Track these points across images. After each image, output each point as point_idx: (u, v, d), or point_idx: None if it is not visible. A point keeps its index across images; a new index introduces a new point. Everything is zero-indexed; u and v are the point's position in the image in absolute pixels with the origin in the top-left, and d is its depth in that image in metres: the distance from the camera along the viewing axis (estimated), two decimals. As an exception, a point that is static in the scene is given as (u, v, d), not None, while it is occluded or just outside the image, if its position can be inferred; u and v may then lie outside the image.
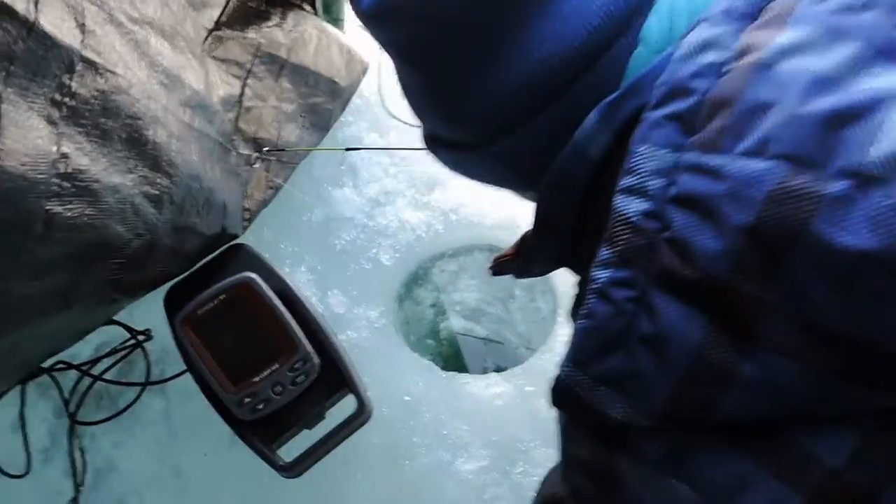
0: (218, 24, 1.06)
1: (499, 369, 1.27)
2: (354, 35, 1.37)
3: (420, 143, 0.57)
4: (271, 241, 1.33)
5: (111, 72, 0.67)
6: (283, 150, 1.23)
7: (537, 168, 0.47)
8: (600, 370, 0.39)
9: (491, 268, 0.68)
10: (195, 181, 0.91)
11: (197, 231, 0.97)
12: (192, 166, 0.89)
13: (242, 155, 1.16)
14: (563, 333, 1.25)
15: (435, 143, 0.54)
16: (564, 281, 1.31)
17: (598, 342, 0.39)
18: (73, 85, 0.62)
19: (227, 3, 1.07)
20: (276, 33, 1.17)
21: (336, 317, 1.30)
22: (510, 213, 1.35)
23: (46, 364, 1.18)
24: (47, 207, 0.62)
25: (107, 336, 1.25)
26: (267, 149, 1.20)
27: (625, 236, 0.38)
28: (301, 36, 1.22)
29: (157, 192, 0.81)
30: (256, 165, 1.20)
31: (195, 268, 1.13)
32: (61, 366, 1.21)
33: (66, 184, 0.63)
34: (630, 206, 0.38)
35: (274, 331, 1.07)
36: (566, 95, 0.44)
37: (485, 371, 1.29)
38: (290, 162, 1.28)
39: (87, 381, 1.23)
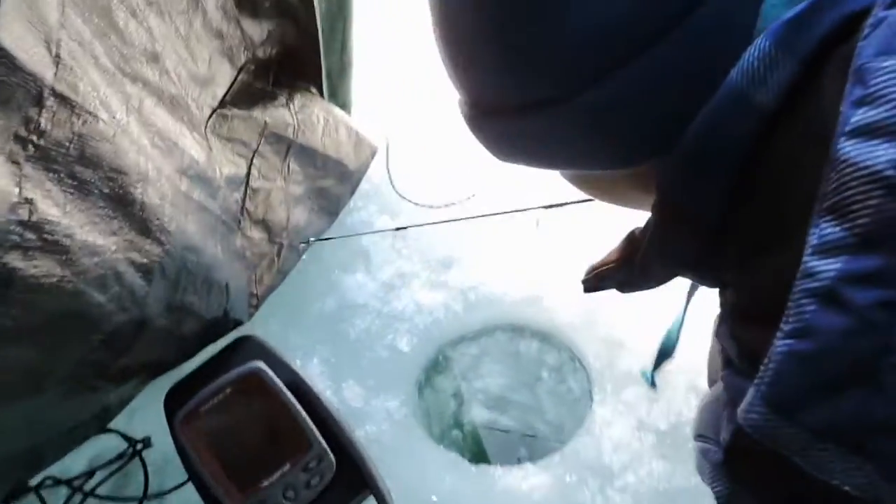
0: (223, 103, 0.98)
1: (534, 458, 1.09)
2: (362, 119, 1.30)
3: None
4: (279, 332, 1.20)
5: (91, 114, 0.57)
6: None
7: (640, 127, 0.34)
8: (825, 418, 0.25)
9: (585, 281, 0.51)
10: (192, 254, 0.79)
11: (194, 312, 0.84)
12: (188, 237, 0.78)
13: (250, 237, 1.05)
14: (602, 414, 1.09)
15: (489, 113, 0.40)
16: (597, 355, 1.16)
17: (823, 374, 0.25)
18: (42, 121, 0.52)
19: (233, 82, 1.00)
20: (282, 113, 1.09)
21: (352, 410, 1.14)
22: (532, 288, 1.22)
23: (34, 481, 1.02)
24: (5, 261, 0.50)
25: (102, 447, 1.09)
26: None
27: (870, 202, 0.24)
28: (308, 118, 1.14)
29: (145, 261, 0.69)
30: (267, 248, 1.09)
31: (198, 367, 1.00)
32: (49, 482, 1.04)
33: (29, 235, 0.52)
34: (875, 153, 0.24)
35: (285, 427, 0.92)
36: (686, 24, 0.31)
37: (519, 462, 1.11)
38: (301, 246, 1.17)
39: (78, 498, 1.06)
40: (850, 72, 0.26)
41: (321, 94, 1.20)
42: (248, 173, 1.04)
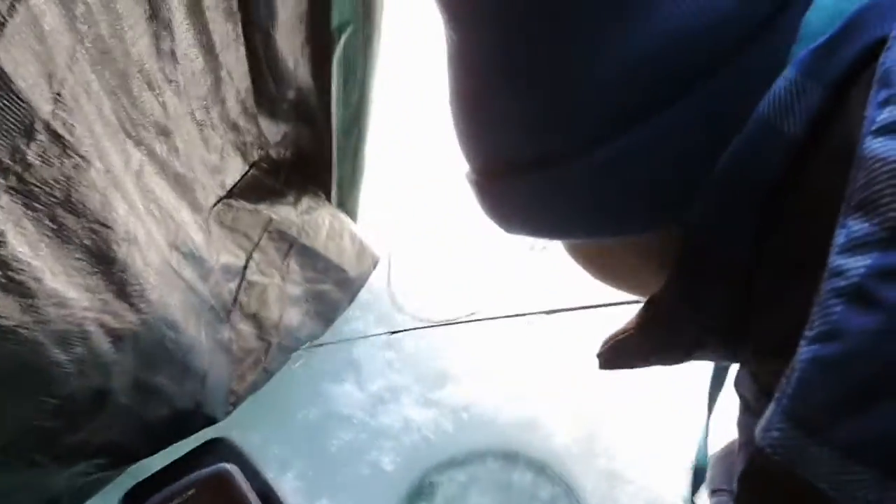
0: (230, 193, 0.97)
1: None
2: (367, 229, 1.29)
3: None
4: (258, 439, 1.10)
5: (84, 159, 0.54)
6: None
7: (665, 178, 0.32)
8: (855, 435, 0.21)
9: (600, 355, 0.45)
10: (171, 331, 0.74)
11: (165, 397, 0.77)
12: (170, 313, 0.73)
13: (238, 330, 0.99)
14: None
15: (497, 175, 0.37)
16: (595, 489, 1.05)
17: (853, 382, 0.21)
18: (30, 155, 0.49)
19: (244, 175, 0.99)
20: (288, 212, 1.08)
21: (324, 533, 1.02)
22: (528, 410, 1.13)
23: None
24: (-44, 291, 0.45)
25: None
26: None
27: None
28: (314, 219, 1.13)
29: (118, 327, 0.64)
30: (255, 345, 1.02)
31: (163, 467, 0.90)
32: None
33: (-9, 269, 0.47)
34: None
35: (249, 540, 0.82)
36: (736, 62, 0.30)
37: None
38: (290, 347, 1.11)
39: None
40: (874, 80, 0.25)
41: (329, 199, 1.20)
42: (246, 266, 1.01)
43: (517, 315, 0.89)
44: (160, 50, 0.69)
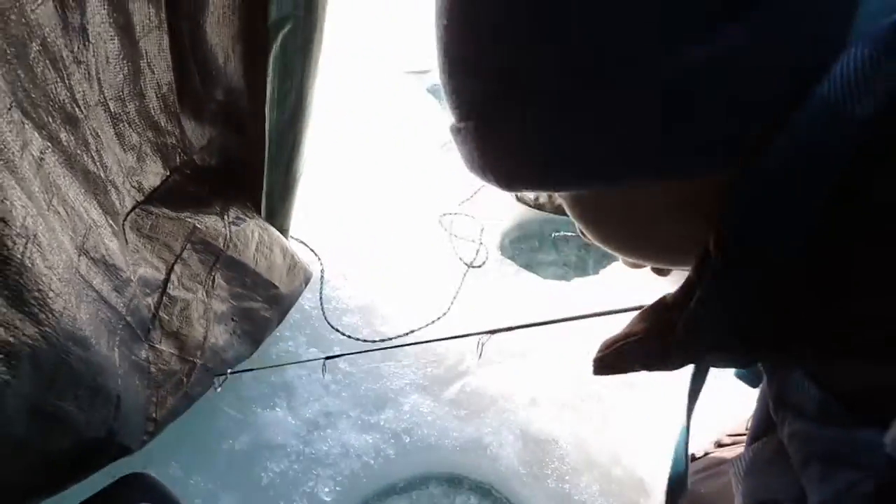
0: (150, 198, 0.86)
1: None
2: (297, 247, 1.20)
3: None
4: (179, 472, 0.97)
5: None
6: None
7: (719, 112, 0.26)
8: None
9: (600, 360, 0.37)
10: (79, 348, 0.62)
11: (69, 424, 0.65)
12: (77, 327, 0.61)
13: (158, 350, 0.87)
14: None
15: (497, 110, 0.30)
16: (546, 510, 0.98)
17: None
18: None
19: (165, 180, 0.89)
20: (214, 221, 0.97)
21: (254, 575, 0.90)
22: (474, 432, 1.06)
23: None
24: None
25: None
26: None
27: None
28: (242, 231, 1.03)
29: (12, 341, 0.52)
30: (177, 367, 0.90)
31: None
32: None
33: None
34: None
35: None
36: None
37: None
38: (214, 370, 0.99)
39: None
40: None
41: (259, 212, 1.10)
42: (167, 279, 0.89)
43: (457, 337, 0.81)
44: (67, 23, 0.59)
